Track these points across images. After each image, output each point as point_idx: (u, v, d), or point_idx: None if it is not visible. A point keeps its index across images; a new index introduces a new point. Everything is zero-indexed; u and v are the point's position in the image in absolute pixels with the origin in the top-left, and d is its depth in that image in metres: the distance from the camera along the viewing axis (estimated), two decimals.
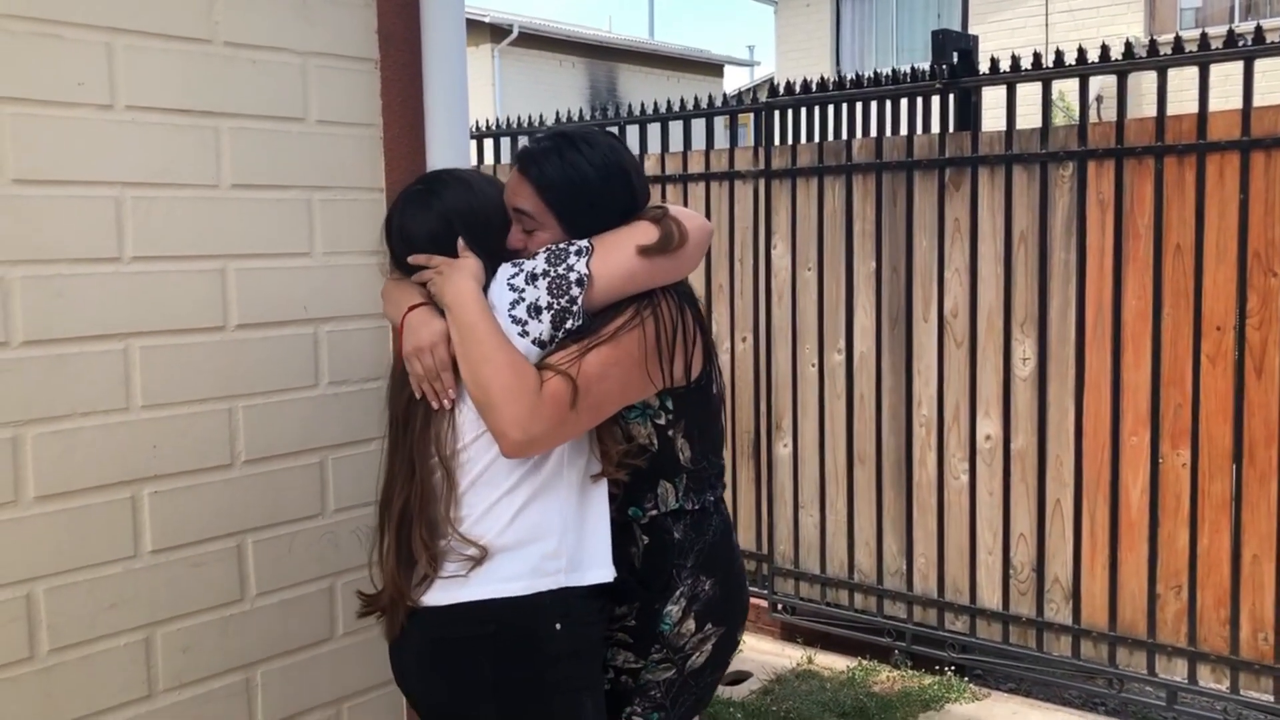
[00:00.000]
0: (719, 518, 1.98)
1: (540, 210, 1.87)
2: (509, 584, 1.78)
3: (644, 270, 1.80)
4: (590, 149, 1.88)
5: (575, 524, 1.82)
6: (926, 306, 4.14)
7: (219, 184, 2.24)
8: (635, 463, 1.87)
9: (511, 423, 1.71)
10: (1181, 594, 3.65)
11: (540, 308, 1.77)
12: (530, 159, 1.89)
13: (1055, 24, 13.48)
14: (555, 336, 1.79)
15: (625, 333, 1.79)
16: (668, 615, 1.91)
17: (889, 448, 4.28)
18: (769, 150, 4.53)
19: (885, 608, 4.32)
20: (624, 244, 1.81)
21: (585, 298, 1.77)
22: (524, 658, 1.79)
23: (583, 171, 1.86)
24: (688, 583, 1.91)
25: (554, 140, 1.91)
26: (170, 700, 2.20)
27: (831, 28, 16.19)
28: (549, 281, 1.78)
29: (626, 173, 1.91)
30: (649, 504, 1.92)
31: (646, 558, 1.92)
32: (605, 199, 1.87)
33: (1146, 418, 3.68)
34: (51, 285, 2.02)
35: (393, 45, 2.50)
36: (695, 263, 1.91)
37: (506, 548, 1.79)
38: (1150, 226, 3.64)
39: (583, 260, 1.79)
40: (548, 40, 19.20)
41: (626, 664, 1.93)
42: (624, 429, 1.88)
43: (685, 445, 1.92)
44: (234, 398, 2.28)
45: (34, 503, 2.01)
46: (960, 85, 4.09)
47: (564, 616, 1.79)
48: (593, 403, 1.76)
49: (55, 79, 2.01)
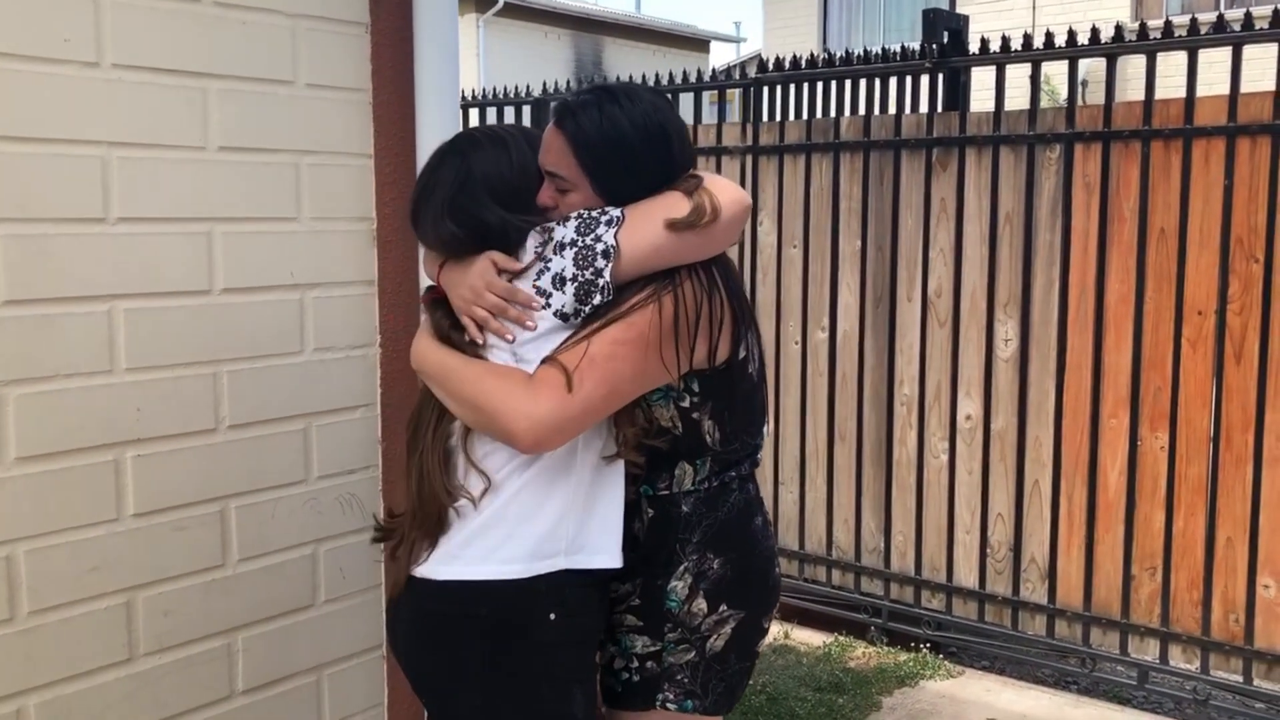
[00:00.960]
0: (740, 495, 1.87)
1: (573, 170, 1.77)
2: (507, 565, 1.73)
3: (670, 245, 1.71)
4: (632, 105, 1.77)
5: (583, 505, 1.76)
6: (911, 286, 4.15)
7: (206, 146, 2.21)
8: (654, 443, 1.79)
9: (513, 417, 1.65)
10: (1156, 575, 3.69)
11: (565, 279, 1.69)
12: (567, 111, 1.78)
13: (1043, 7, 13.49)
14: (580, 310, 1.70)
15: (638, 312, 1.69)
16: (672, 591, 1.82)
17: (870, 426, 4.30)
18: (757, 126, 4.52)
19: (863, 585, 4.35)
20: (654, 216, 1.71)
21: (613, 271, 1.68)
22: (514, 645, 1.75)
23: (621, 129, 1.75)
24: (692, 559, 1.82)
25: (594, 93, 1.80)
26: (151, 664, 2.20)
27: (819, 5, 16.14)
28: (576, 252, 1.69)
29: (668, 135, 1.79)
30: (662, 484, 1.84)
31: (649, 532, 1.84)
32: (643, 161, 1.77)
33: (1126, 400, 3.71)
34: (35, 244, 1.99)
35: (384, 9, 2.47)
36: (729, 240, 1.79)
37: (506, 520, 1.75)
38: (1135, 210, 3.66)
39: (611, 231, 1.69)
40: (533, 11, 19.06)
41: (646, 649, 1.84)
42: (645, 411, 1.78)
43: (714, 427, 1.82)
44: (219, 362, 2.26)
45: (15, 464, 1.99)
46: (949, 65, 4.08)
47: (559, 606, 1.74)
48: (604, 383, 1.67)
49: (40, 34, 1.98)
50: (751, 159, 4.52)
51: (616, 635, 1.88)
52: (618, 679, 1.88)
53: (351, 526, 2.49)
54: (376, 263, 2.49)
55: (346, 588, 2.50)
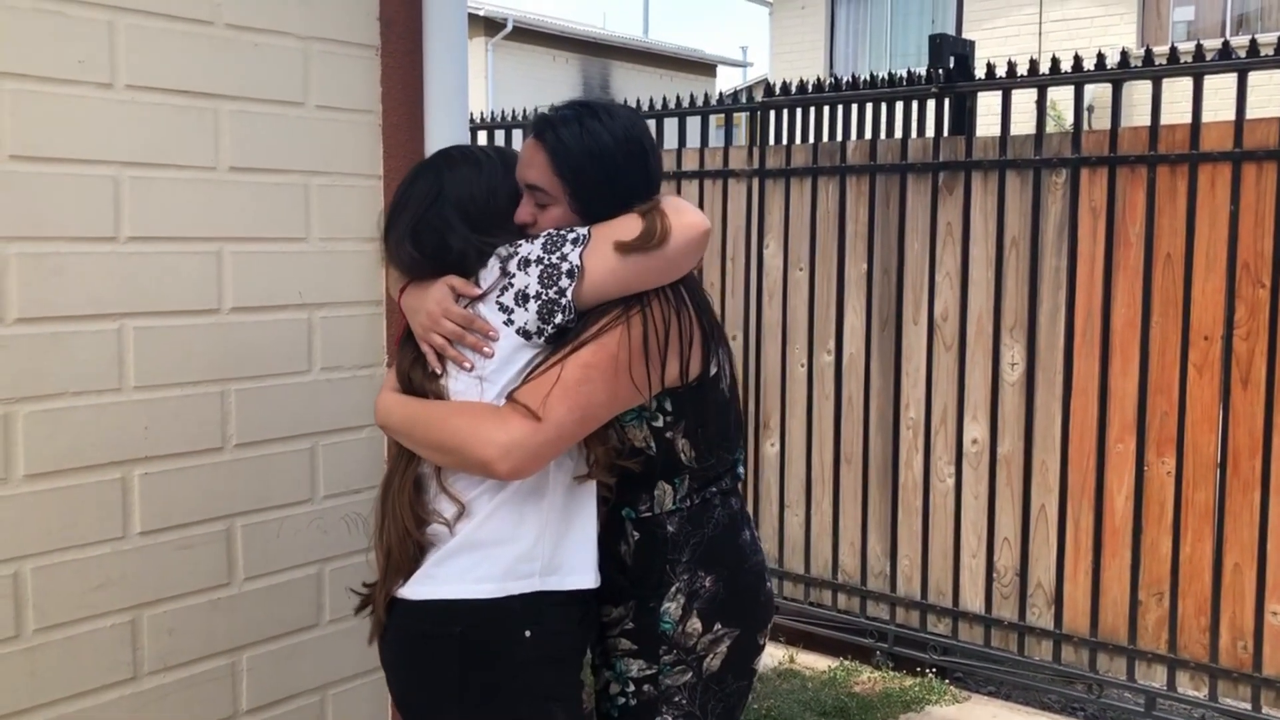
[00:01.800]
0: (723, 511, 1.85)
1: (552, 183, 1.76)
2: (479, 585, 1.71)
3: (625, 269, 1.69)
4: (611, 120, 1.77)
5: (556, 526, 1.75)
6: (917, 309, 4.15)
7: (217, 166, 2.23)
8: (626, 464, 1.78)
9: (484, 447, 1.64)
10: (1163, 601, 3.67)
11: (528, 295, 1.69)
12: (547, 125, 1.78)
13: (1049, 33, 13.55)
14: (543, 329, 1.70)
15: (607, 333, 1.68)
16: (666, 614, 1.80)
17: (876, 449, 4.29)
18: (764, 150, 4.54)
19: (868, 608, 4.33)
20: (607, 238, 1.70)
21: (575, 291, 1.68)
22: (489, 663, 1.73)
23: (602, 142, 1.75)
24: (684, 579, 1.80)
25: (574, 108, 1.80)
26: (155, 683, 2.20)
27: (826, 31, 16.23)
28: (541, 269, 1.69)
29: (646, 153, 1.80)
30: (643, 505, 1.82)
31: (637, 554, 1.82)
32: (622, 176, 1.76)
33: (1133, 425, 3.70)
34: (47, 263, 2.01)
35: (394, 32, 2.50)
36: (686, 264, 1.76)
37: (480, 544, 1.73)
38: (1141, 235, 3.66)
39: (577, 250, 1.69)
40: (542, 35, 19.18)
41: (642, 673, 1.82)
42: (619, 432, 1.77)
43: (688, 445, 1.81)
44: (226, 381, 2.27)
45: (24, 481, 2.00)
46: (956, 90, 4.10)
47: (535, 624, 1.73)
48: (577, 407, 1.66)
49: (56, 56, 2.00)
50: (758, 182, 4.54)
51: (611, 659, 1.86)
52: (614, 704, 1.86)
53: (357, 546, 2.49)
54: (384, 283, 2.51)
55: (352, 608, 2.50)
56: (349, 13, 2.42)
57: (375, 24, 2.47)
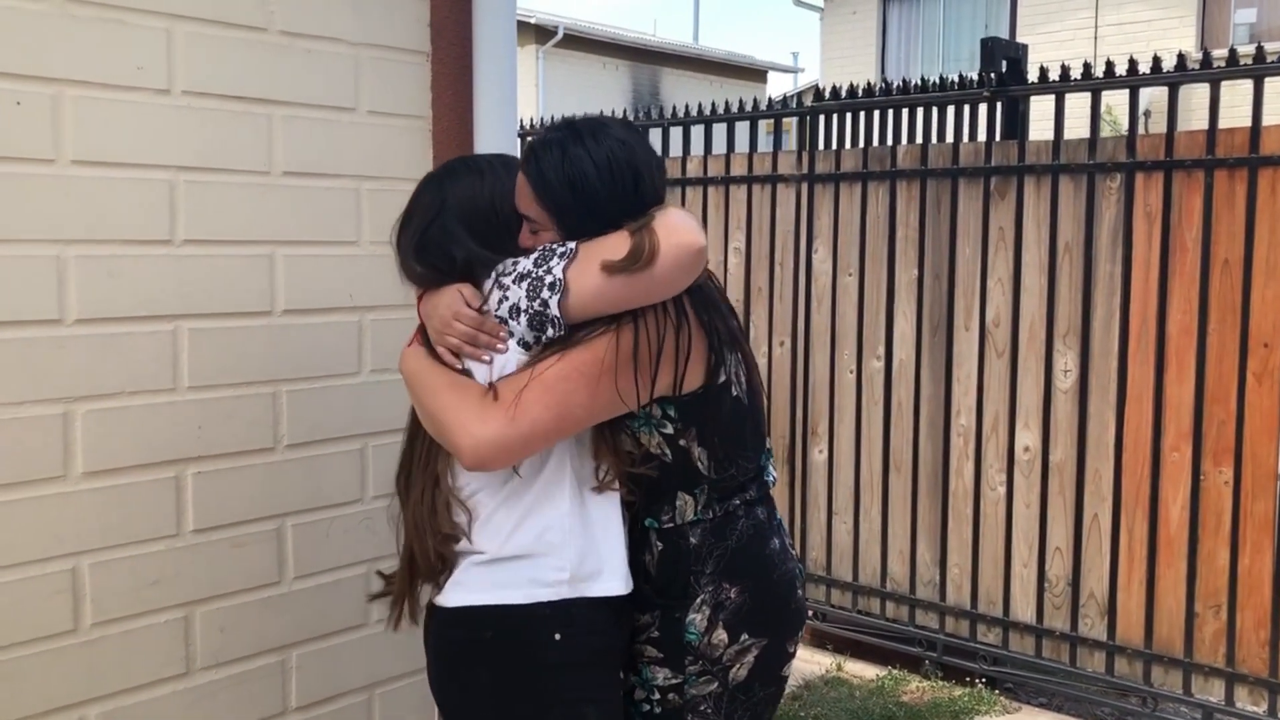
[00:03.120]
0: (748, 521, 1.84)
1: (538, 213, 1.75)
2: (507, 591, 1.73)
3: (611, 288, 1.66)
4: (596, 143, 1.72)
5: (579, 536, 1.75)
6: (968, 315, 4.11)
7: (270, 171, 2.27)
8: (643, 471, 1.77)
9: (460, 434, 1.66)
10: (1220, 614, 3.60)
11: (520, 309, 1.70)
12: (531, 152, 1.77)
13: (1105, 37, 13.36)
14: (538, 338, 1.71)
15: (595, 339, 1.68)
16: (691, 624, 1.79)
17: (926, 456, 4.25)
18: (813, 154, 4.52)
19: (917, 617, 4.29)
20: (595, 256, 1.67)
21: (561, 305, 1.67)
22: (521, 666, 1.74)
23: (583, 169, 1.71)
24: (708, 590, 1.79)
25: (559, 132, 1.77)
26: (207, 679, 2.23)
27: (877, 35, 16.14)
28: (528, 283, 1.70)
29: (636, 171, 1.74)
30: (665, 516, 1.81)
31: (660, 565, 1.81)
32: (605, 201, 1.72)
33: (1189, 434, 3.64)
34: (105, 265, 2.06)
35: (444, 38, 2.52)
36: (676, 283, 1.71)
37: (507, 558, 1.75)
38: (1198, 240, 3.60)
39: (561, 265, 1.68)
40: (592, 42, 19.27)
41: (667, 681, 1.82)
42: (632, 438, 1.77)
43: (703, 453, 1.79)
44: (278, 382, 2.30)
45: (82, 478, 2.05)
46: (1008, 94, 4.06)
47: (566, 626, 1.73)
48: (553, 406, 1.66)
49: (116, 63, 2.05)
50: (807, 187, 4.52)
51: (637, 666, 1.86)
52: (639, 710, 1.86)
53: None
54: None
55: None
56: (400, 20, 2.45)
57: (426, 30, 2.50)
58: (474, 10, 2.53)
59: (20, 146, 1.95)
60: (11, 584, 1.98)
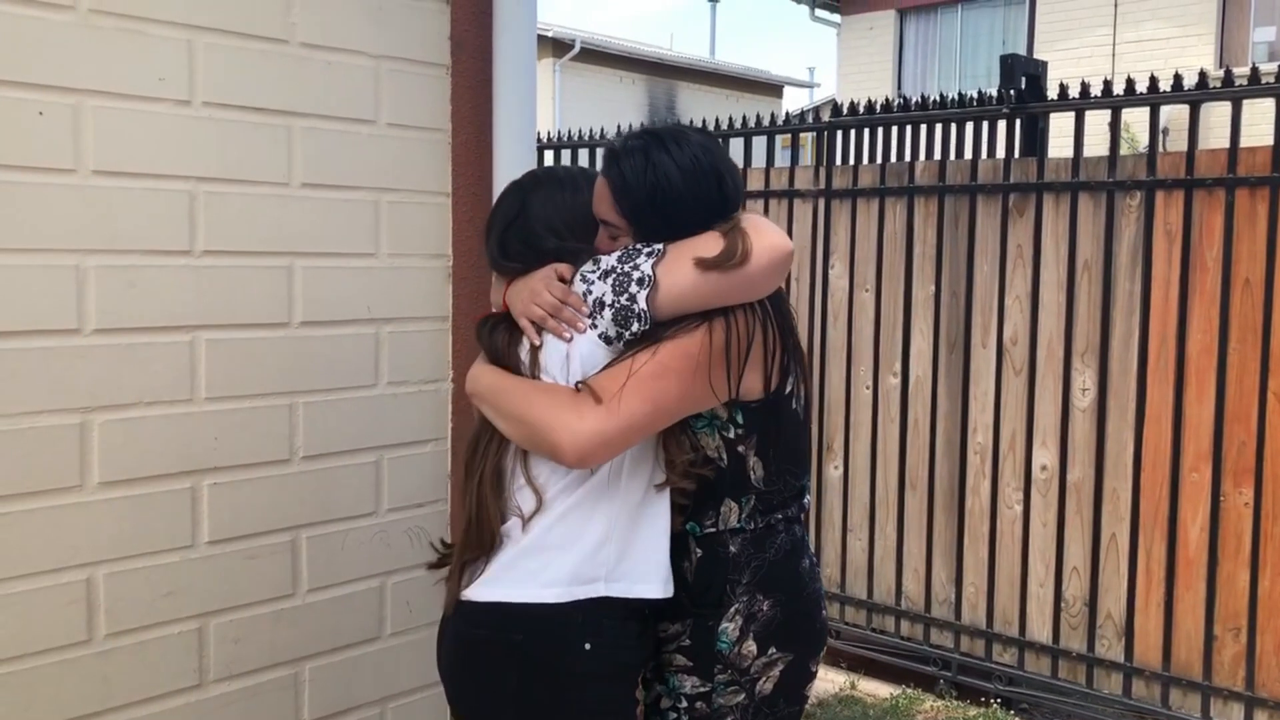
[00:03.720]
0: (787, 537, 1.86)
1: (616, 218, 1.80)
2: (545, 589, 1.74)
3: (704, 286, 1.70)
4: (680, 149, 1.77)
5: (625, 533, 1.77)
6: (985, 332, 4.09)
7: (289, 182, 2.27)
8: (702, 472, 1.80)
9: (558, 431, 1.68)
10: (1240, 637, 3.56)
11: (605, 304, 1.73)
12: (613, 158, 1.81)
13: (1123, 54, 13.32)
14: (621, 334, 1.73)
15: (687, 334, 1.71)
16: (723, 633, 1.81)
17: (942, 474, 4.23)
18: (830, 170, 4.51)
19: (932, 636, 4.26)
20: (687, 255, 1.72)
21: (650, 301, 1.71)
22: (549, 675, 1.75)
23: (667, 174, 1.75)
24: (743, 600, 1.81)
25: (642, 139, 1.80)
26: (220, 691, 2.22)
27: (894, 51, 16.13)
28: (614, 279, 1.73)
29: (720, 175, 1.79)
30: (709, 521, 1.84)
31: (699, 572, 1.84)
32: (686, 207, 1.76)
33: (1208, 454, 3.60)
34: (124, 275, 2.06)
35: (464, 52, 2.52)
36: (767, 285, 1.77)
37: (547, 547, 1.76)
38: (1219, 259, 3.57)
39: (649, 262, 1.72)
40: (609, 56, 19.32)
41: (696, 689, 1.84)
42: (691, 439, 1.79)
43: (758, 464, 1.82)
44: (295, 394, 2.30)
45: (98, 488, 2.05)
46: (1028, 110, 4.05)
47: (595, 636, 1.74)
48: (648, 400, 1.68)
49: (137, 73, 2.05)
50: (824, 202, 4.51)
51: (664, 675, 1.87)
52: (665, 718, 1.87)
53: (419, 560, 2.51)
54: (451, 299, 2.53)
55: (412, 621, 2.52)
56: (420, 33, 2.45)
57: (446, 44, 2.50)
58: (494, 24, 2.53)
59: (42, 156, 1.95)
60: (27, 593, 1.97)
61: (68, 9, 1.97)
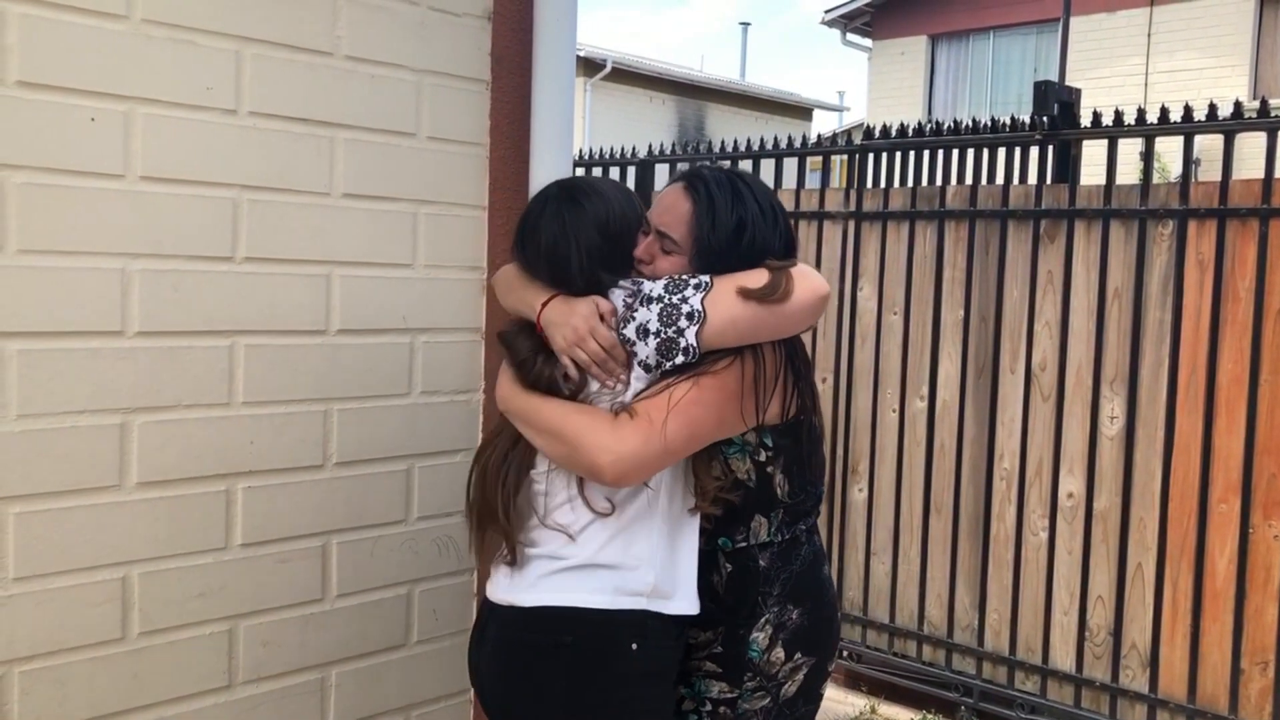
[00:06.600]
0: (809, 547, 1.97)
1: (685, 238, 1.85)
2: (593, 595, 1.80)
3: (745, 319, 1.77)
4: (760, 190, 1.89)
5: (665, 555, 1.84)
6: (1014, 358, 4.08)
7: (331, 192, 2.30)
8: (729, 498, 1.87)
9: (598, 451, 1.73)
10: (1268, 670, 3.53)
11: (649, 331, 1.78)
12: (700, 179, 1.88)
13: (1155, 84, 13.30)
14: (661, 363, 1.78)
15: (723, 366, 1.79)
16: (754, 642, 1.90)
17: (967, 499, 4.21)
18: (860, 192, 4.53)
19: (954, 662, 4.24)
20: (731, 286, 1.79)
21: (698, 334, 1.75)
22: (598, 674, 1.79)
23: (749, 208, 1.85)
24: (774, 610, 1.90)
25: (723, 172, 1.90)
26: (248, 693, 2.24)
27: (925, 76, 16.15)
28: (661, 308, 1.77)
29: (787, 218, 1.93)
30: (739, 536, 1.91)
31: (730, 585, 1.91)
32: (755, 247, 1.84)
33: (1237, 485, 3.58)
34: (167, 280, 2.09)
35: (504, 68, 2.56)
36: (802, 322, 1.85)
37: (593, 566, 1.82)
38: (1251, 290, 3.56)
39: (699, 296, 1.77)
40: (639, 76, 19.42)
41: (722, 695, 1.91)
42: (723, 464, 1.87)
43: (784, 480, 1.91)
44: (330, 400, 2.33)
45: (135, 488, 2.08)
46: (1060, 137, 4.05)
47: (641, 637, 1.80)
48: (686, 425, 1.75)
49: (186, 83, 2.09)
50: (854, 224, 4.52)
51: (691, 679, 1.94)
52: None
53: (446, 569, 2.53)
54: (485, 311, 2.55)
55: (439, 629, 2.53)
56: (462, 48, 2.49)
57: (487, 60, 2.53)
58: (534, 42, 2.56)
59: (93, 162, 1.99)
60: (64, 590, 2.00)
61: (121, 18, 2.01)
